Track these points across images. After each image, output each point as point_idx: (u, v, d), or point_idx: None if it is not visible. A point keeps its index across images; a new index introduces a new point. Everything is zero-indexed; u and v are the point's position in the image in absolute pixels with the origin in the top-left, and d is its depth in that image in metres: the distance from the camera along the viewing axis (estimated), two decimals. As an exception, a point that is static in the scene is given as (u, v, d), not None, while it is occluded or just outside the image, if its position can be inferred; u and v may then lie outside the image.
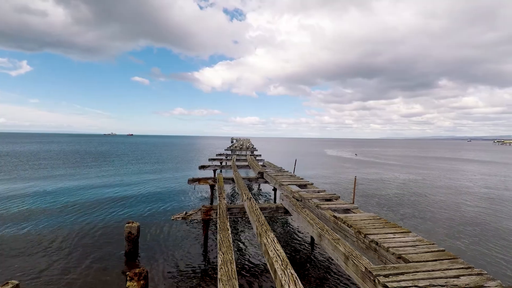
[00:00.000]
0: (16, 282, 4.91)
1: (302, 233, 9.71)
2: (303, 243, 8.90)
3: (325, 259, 7.79)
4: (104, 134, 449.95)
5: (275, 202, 14.88)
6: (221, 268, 4.05)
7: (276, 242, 5.03)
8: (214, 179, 14.45)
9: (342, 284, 6.53)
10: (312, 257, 7.95)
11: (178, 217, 8.22)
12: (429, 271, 3.94)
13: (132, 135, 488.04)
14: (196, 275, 6.63)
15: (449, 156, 55.99)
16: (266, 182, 14.35)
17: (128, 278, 5.23)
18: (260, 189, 17.97)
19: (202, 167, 19.50)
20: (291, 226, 10.50)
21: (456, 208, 13.59)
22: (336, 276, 6.88)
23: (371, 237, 5.29)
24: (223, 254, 4.52)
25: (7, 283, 4.84)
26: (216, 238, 8.77)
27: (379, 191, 17.64)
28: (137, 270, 5.30)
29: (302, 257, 7.88)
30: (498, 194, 17.07)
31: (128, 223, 7.85)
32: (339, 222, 6.33)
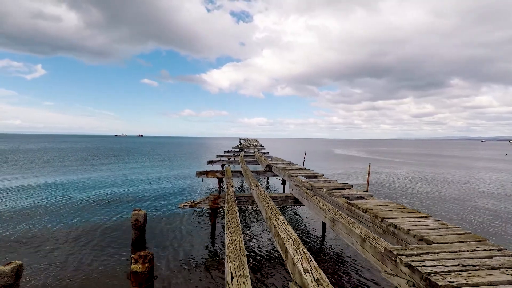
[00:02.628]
0: (19, 262, 4.80)
1: (313, 223, 9.39)
2: (314, 232, 8.58)
3: (338, 246, 7.51)
4: (115, 135, 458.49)
5: (284, 196, 14.57)
6: (229, 246, 3.80)
7: (286, 224, 4.76)
8: (222, 172, 14.26)
9: (358, 269, 6.22)
10: (324, 245, 7.64)
11: (186, 205, 8.03)
12: (456, 251, 3.59)
13: (142, 136, 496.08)
14: (203, 262, 6.42)
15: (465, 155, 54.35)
16: (274, 175, 14.05)
17: (132, 261, 5.04)
18: (269, 183, 17.69)
19: (210, 162, 19.36)
20: (301, 216, 10.19)
21: (471, 199, 12.97)
22: (351, 261, 6.59)
23: (389, 221, 4.95)
24: (231, 233, 4.28)
25: (10, 262, 4.73)
26: (224, 227, 8.55)
27: (392, 188, 17.10)
28: (142, 253, 5.11)
29: (314, 245, 7.57)
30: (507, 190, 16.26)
31: (135, 210, 7.71)
32: (353, 208, 5.99)
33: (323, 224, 8.48)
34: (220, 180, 14.60)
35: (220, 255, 6.73)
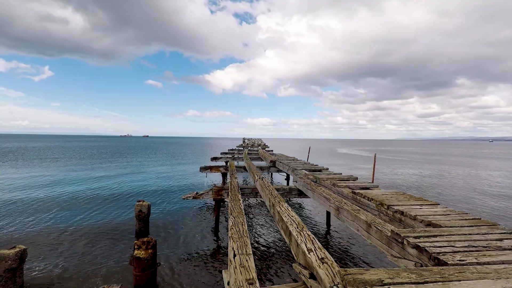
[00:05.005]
0: (23, 246, 4.82)
1: (317, 214, 9.32)
2: (318, 222, 8.51)
3: (343, 234, 7.50)
4: (121, 136, 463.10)
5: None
6: (232, 228, 3.75)
7: (290, 209, 4.69)
8: (225, 167, 14.24)
9: (364, 254, 6.17)
10: (329, 234, 7.57)
11: (189, 197, 8.01)
12: (465, 234, 3.48)
13: (147, 136, 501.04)
14: (206, 252, 6.37)
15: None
16: (278, 171, 13.97)
17: (135, 247, 5.02)
18: (272, 179, 17.61)
19: (214, 159, 19.33)
20: (306, 209, 10.11)
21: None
22: (356, 247, 6.57)
23: (395, 208, 4.84)
24: (234, 217, 4.23)
25: (14, 246, 4.75)
26: (227, 219, 8.51)
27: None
28: (145, 239, 5.09)
29: (319, 235, 7.48)
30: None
31: (139, 201, 7.71)
32: (358, 197, 5.89)
33: (328, 214, 8.38)
34: (224, 175, 14.59)
35: (224, 247, 6.68)
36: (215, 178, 16.99)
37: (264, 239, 7.16)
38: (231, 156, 21.69)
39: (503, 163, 33.06)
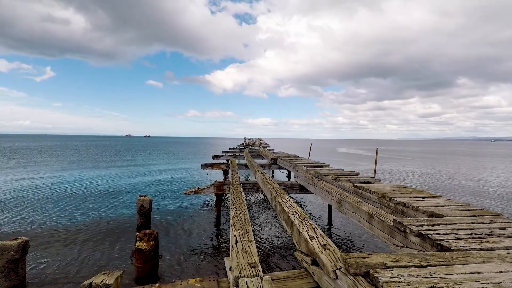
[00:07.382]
0: (25, 238, 4.83)
1: (319, 210, 9.32)
2: (320, 217, 8.52)
3: (345, 227, 7.54)
4: (122, 136, 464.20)
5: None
6: (234, 218, 3.75)
7: (292, 201, 4.68)
8: (227, 165, 14.23)
9: (366, 246, 6.16)
10: (331, 228, 7.56)
11: (191, 192, 8.02)
12: (468, 223, 3.46)
13: (149, 136, 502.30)
14: (208, 246, 6.37)
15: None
16: (279, 168, 13.93)
17: (137, 239, 5.03)
18: (274, 176, 17.60)
19: (216, 157, 19.33)
20: (307, 204, 10.12)
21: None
22: (358, 239, 6.59)
23: (398, 200, 4.83)
24: (236, 208, 4.22)
25: (17, 238, 4.76)
26: (229, 214, 8.51)
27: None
28: (147, 231, 5.10)
29: (320, 229, 7.52)
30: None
31: (141, 196, 7.72)
32: (360, 190, 5.88)
33: (329, 208, 8.36)
34: (225, 173, 14.58)
35: (226, 240, 6.67)
36: (216, 176, 17.00)
37: (265, 234, 7.15)
38: (232, 154, 21.68)
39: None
